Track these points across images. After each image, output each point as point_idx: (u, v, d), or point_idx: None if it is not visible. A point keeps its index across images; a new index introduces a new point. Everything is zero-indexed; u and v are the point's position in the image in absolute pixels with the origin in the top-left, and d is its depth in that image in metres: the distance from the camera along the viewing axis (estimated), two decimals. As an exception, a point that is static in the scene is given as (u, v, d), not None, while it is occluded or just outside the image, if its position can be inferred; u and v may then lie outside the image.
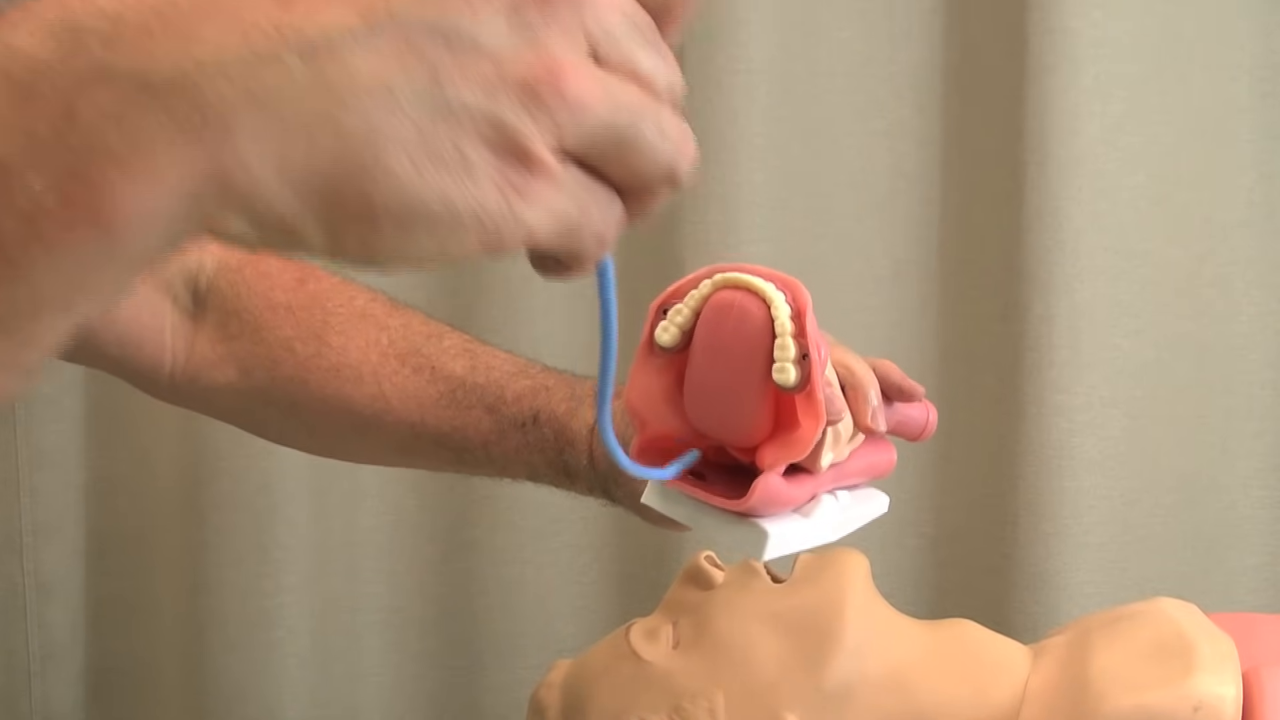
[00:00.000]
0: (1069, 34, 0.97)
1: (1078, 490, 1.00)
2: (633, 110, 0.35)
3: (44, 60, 0.31)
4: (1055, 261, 0.99)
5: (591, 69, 0.34)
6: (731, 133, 1.01)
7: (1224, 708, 0.61)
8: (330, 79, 0.31)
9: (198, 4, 0.31)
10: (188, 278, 0.77)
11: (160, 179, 0.31)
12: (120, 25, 0.31)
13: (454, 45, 0.32)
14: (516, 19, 0.33)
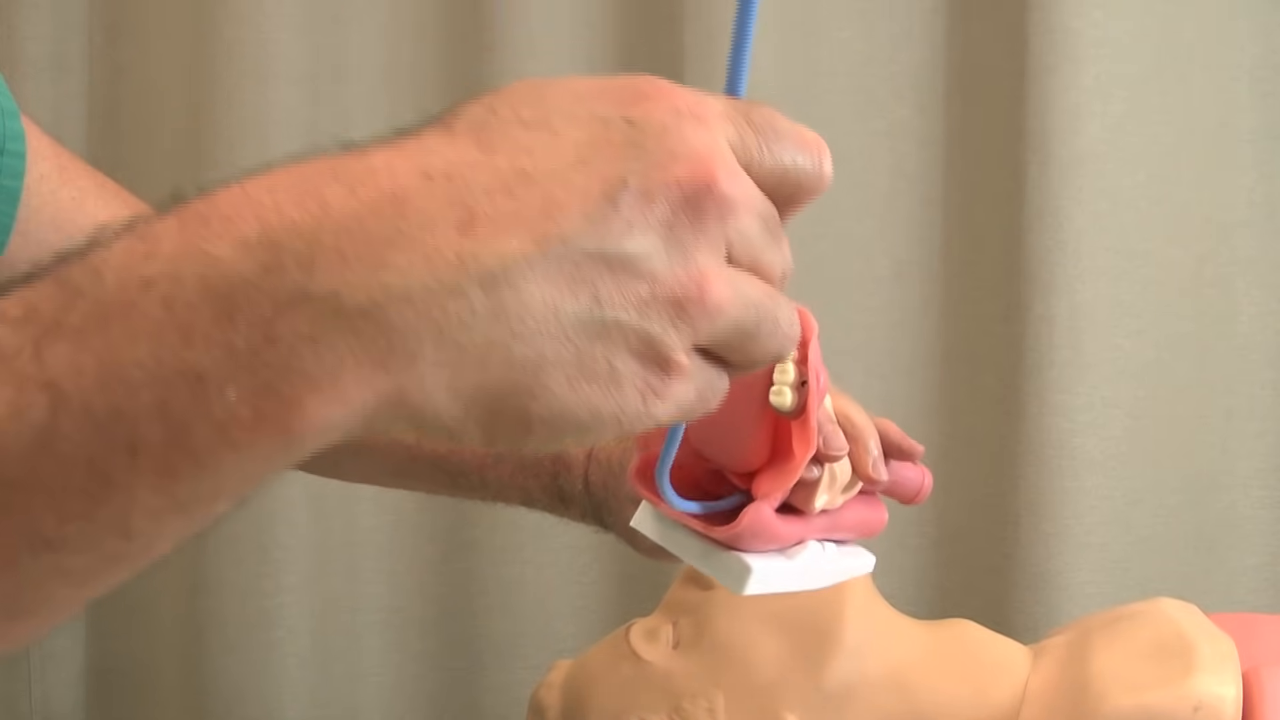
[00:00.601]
0: (1069, 34, 0.97)
1: (1079, 490, 1.00)
2: (759, 307, 0.38)
3: (245, 277, 0.32)
4: (1056, 262, 0.99)
5: (728, 273, 0.37)
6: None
7: (1224, 708, 0.61)
8: (507, 309, 0.34)
9: (386, 227, 0.33)
10: None
11: (346, 399, 0.33)
12: (315, 247, 0.33)
13: (615, 267, 0.35)
14: (671, 237, 0.35)
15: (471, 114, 0.36)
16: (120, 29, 1.10)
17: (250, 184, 0.34)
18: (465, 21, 1.06)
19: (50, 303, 0.33)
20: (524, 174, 0.34)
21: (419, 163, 0.34)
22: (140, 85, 1.10)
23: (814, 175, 0.39)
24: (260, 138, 1.05)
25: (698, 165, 0.36)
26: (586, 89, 0.37)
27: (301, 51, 1.06)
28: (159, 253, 0.33)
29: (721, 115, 0.38)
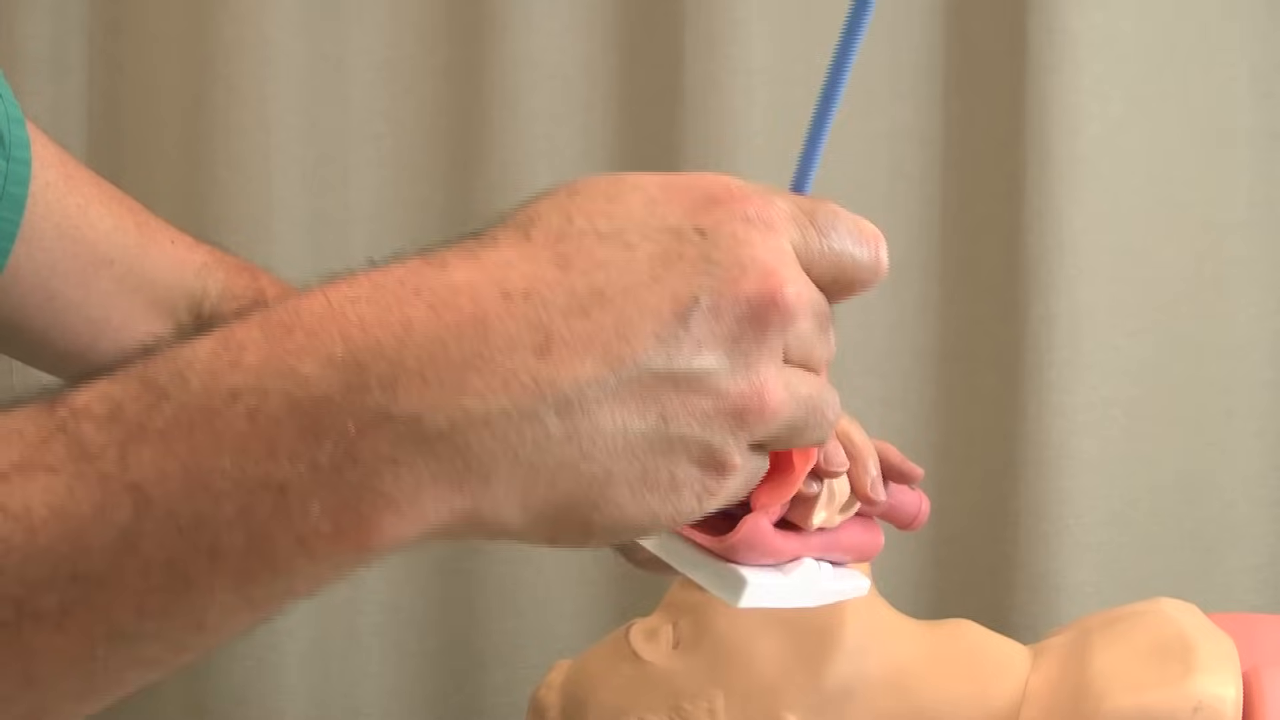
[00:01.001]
0: (1069, 34, 0.97)
1: (1078, 490, 1.00)
2: (809, 405, 0.40)
3: (329, 396, 0.34)
4: (1056, 262, 0.99)
5: (785, 376, 0.39)
6: (731, 133, 1.01)
7: (1224, 708, 0.61)
8: (579, 431, 0.35)
9: (467, 351, 0.34)
10: (191, 304, 0.76)
11: (422, 518, 0.35)
12: (399, 369, 0.34)
13: (682, 385, 0.37)
14: (736, 350, 0.37)
15: (549, 221, 0.37)
16: (120, 28, 1.10)
17: (334, 294, 0.35)
18: (465, 20, 1.06)
19: (136, 404, 0.34)
20: (599, 293, 0.36)
21: (499, 280, 0.35)
22: (140, 84, 1.10)
23: (870, 268, 0.41)
24: (261, 137, 1.05)
25: (765, 279, 0.37)
26: (660, 192, 0.38)
27: (301, 50, 1.06)
28: (244, 363, 0.34)
29: (787, 218, 0.39)
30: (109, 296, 0.72)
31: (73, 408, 0.35)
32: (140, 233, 0.75)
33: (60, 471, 0.34)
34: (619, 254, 0.36)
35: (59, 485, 0.34)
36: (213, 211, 1.06)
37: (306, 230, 1.07)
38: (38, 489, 0.34)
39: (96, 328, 0.72)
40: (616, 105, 1.06)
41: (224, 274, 0.78)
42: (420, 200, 1.09)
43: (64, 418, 0.35)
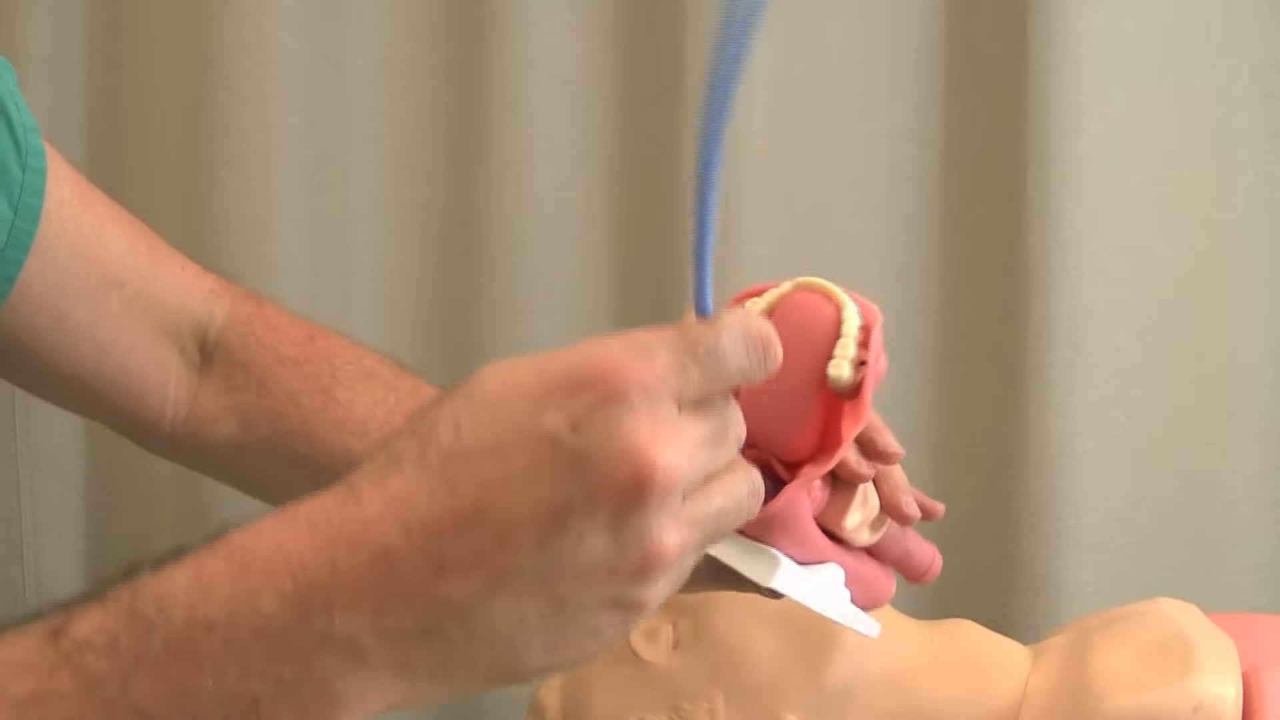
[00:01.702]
0: (1069, 34, 0.97)
1: (1078, 490, 1.00)
2: (719, 519, 0.44)
3: (286, 625, 0.41)
4: (1056, 262, 0.99)
5: (683, 517, 0.43)
6: (731, 133, 1.01)
7: (1224, 708, 0.61)
8: (480, 632, 0.42)
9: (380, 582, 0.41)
10: (197, 330, 0.76)
11: (367, 709, 0.43)
12: (332, 601, 0.41)
13: (569, 574, 0.41)
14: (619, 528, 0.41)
15: (442, 437, 0.42)
16: (120, 27, 1.10)
17: (280, 532, 0.43)
18: (465, 20, 1.06)
19: (129, 635, 0.42)
20: (481, 514, 0.41)
21: (400, 515, 0.42)
22: (140, 84, 1.10)
23: (759, 370, 0.45)
24: (261, 137, 1.05)
25: (635, 467, 0.41)
26: (540, 388, 0.42)
27: (301, 50, 1.06)
28: (215, 597, 0.42)
29: (666, 372, 0.42)
30: (117, 319, 0.72)
31: (75, 640, 0.42)
32: (152, 256, 0.74)
33: (70, 699, 0.42)
34: (498, 470, 0.41)
35: (71, 711, 0.42)
36: (213, 211, 1.06)
37: (306, 230, 1.07)
38: (54, 715, 0.42)
39: (102, 351, 0.72)
40: (616, 105, 1.06)
41: (230, 301, 0.77)
42: (420, 200, 1.09)
43: (69, 650, 0.42)
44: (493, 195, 1.06)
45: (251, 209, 1.05)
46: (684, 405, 0.43)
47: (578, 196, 1.07)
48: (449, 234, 1.08)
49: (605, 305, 1.07)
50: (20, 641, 0.43)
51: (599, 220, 1.07)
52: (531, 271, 1.06)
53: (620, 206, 1.07)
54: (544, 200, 1.06)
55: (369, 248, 1.09)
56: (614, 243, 1.07)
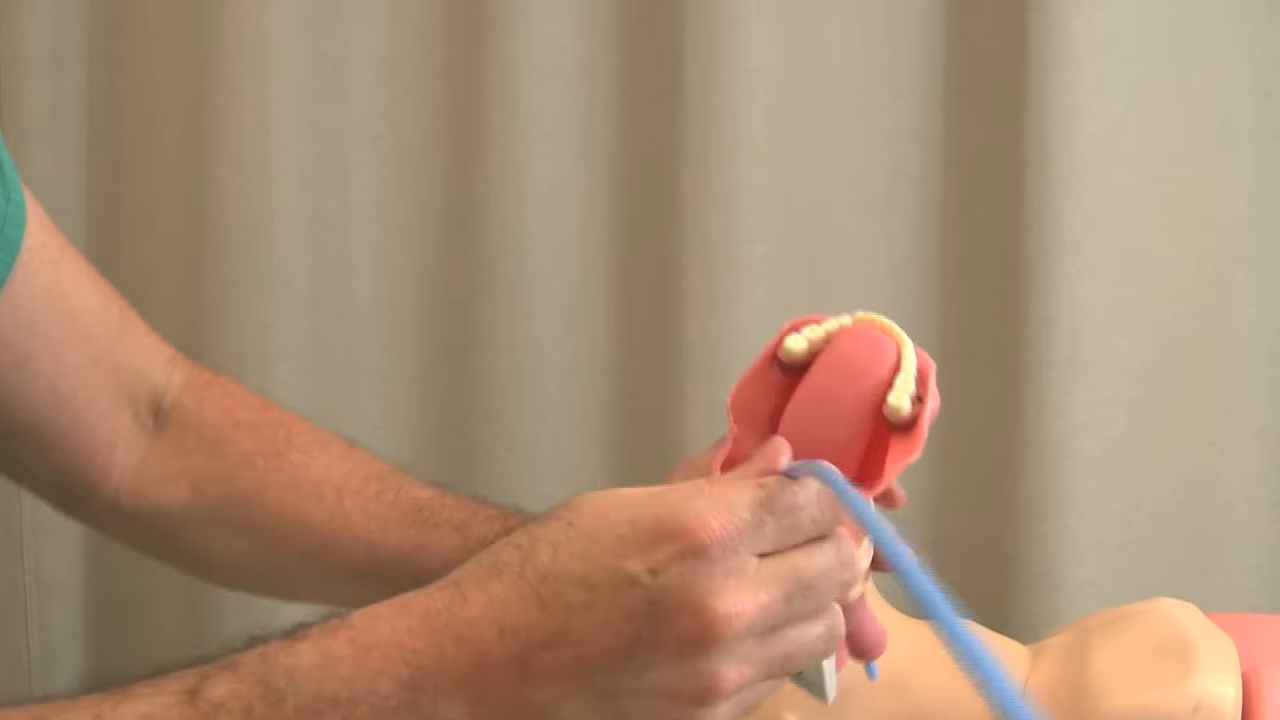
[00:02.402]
0: (1069, 34, 0.97)
1: (1078, 490, 1.00)
2: (784, 661, 0.49)
3: (398, 709, 0.48)
4: (1055, 262, 0.99)
5: (742, 654, 0.48)
6: (731, 133, 1.01)
7: (1223, 708, 0.61)
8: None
9: (475, 677, 0.48)
10: (153, 395, 0.75)
11: None
12: (437, 689, 0.48)
13: (632, 694, 0.47)
14: (680, 665, 0.47)
15: (539, 557, 0.48)
16: (120, 28, 1.10)
17: (397, 620, 0.49)
18: (465, 20, 1.06)
19: (262, 704, 0.47)
20: (565, 633, 0.47)
21: (499, 619, 0.48)
22: (140, 84, 1.10)
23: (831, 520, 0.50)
24: (261, 137, 1.05)
25: (699, 615, 0.46)
26: (630, 530, 0.48)
27: (301, 50, 1.06)
28: (339, 675, 0.48)
29: (744, 531, 0.48)
30: (81, 373, 0.71)
31: (211, 702, 0.47)
32: (122, 318, 0.74)
33: None
34: (583, 598, 0.47)
35: None
36: (213, 211, 1.06)
37: (306, 230, 1.07)
38: None
39: (60, 401, 0.71)
40: (616, 105, 1.06)
41: (188, 369, 0.77)
42: (420, 200, 1.09)
43: (206, 711, 0.47)
44: (493, 195, 1.06)
45: (251, 209, 1.05)
46: (762, 557, 0.48)
47: (578, 196, 1.07)
48: (449, 234, 1.08)
49: (605, 305, 1.07)
50: (157, 698, 0.48)
51: (599, 220, 1.07)
52: (531, 271, 1.06)
53: (620, 206, 1.07)
54: (544, 200, 1.06)
55: (369, 248, 1.09)
56: (614, 243, 1.07)
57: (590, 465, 1.08)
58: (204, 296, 1.07)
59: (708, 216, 1.02)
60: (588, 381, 1.08)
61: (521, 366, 1.07)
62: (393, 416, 1.10)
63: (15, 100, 1.08)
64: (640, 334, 1.07)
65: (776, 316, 1.02)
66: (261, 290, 1.06)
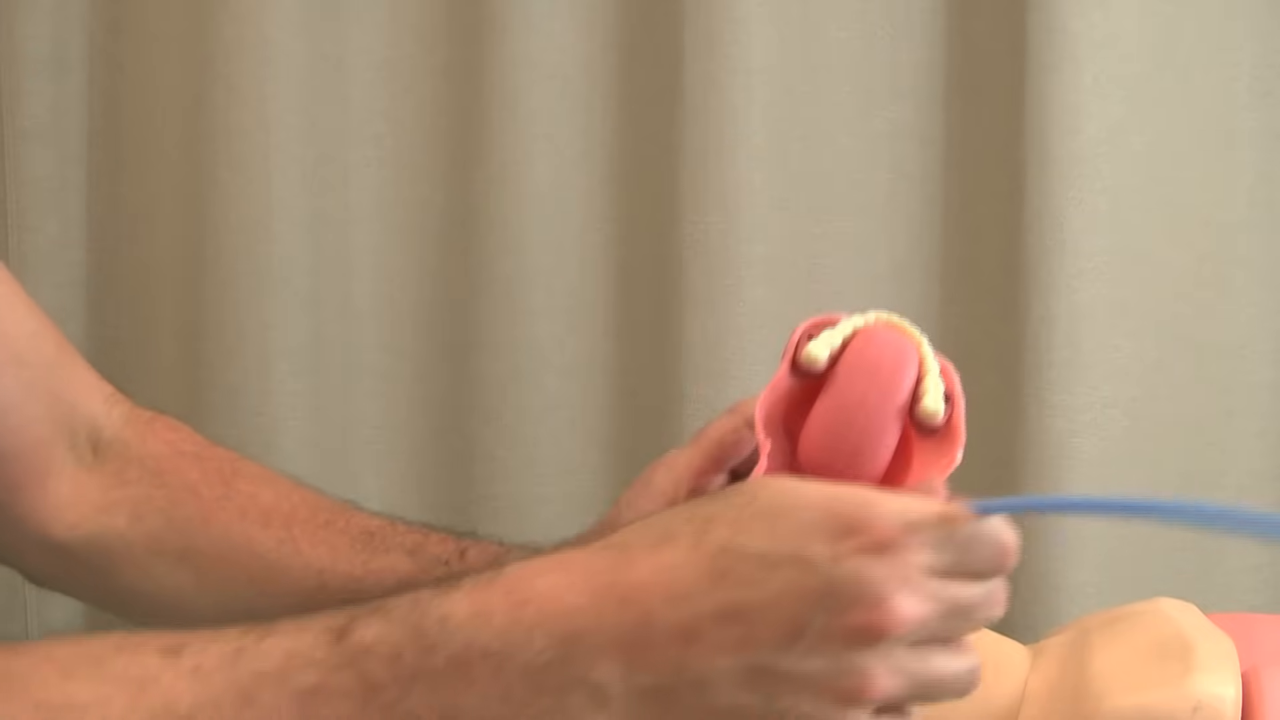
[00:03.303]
0: (1069, 34, 0.97)
1: (1078, 490, 1.00)
2: (928, 684, 0.49)
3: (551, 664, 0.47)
4: (1056, 262, 0.99)
5: (898, 662, 0.48)
6: (731, 133, 1.01)
7: (1223, 708, 0.61)
8: (704, 704, 0.47)
9: (639, 636, 0.47)
10: (91, 429, 0.72)
11: None
12: (594, 649, 0.47)
13: (790, 678, 0.47)
14: (841, 657, 0.47)
15: (718, 532, 0.48)
16: (120, 28, 1.10)
17: (556, 575, 0.48)
18: (465, 20, 1.06)
19: (412, 649, 0.47)
20: (738, 608, 0.47)
21: (668, 584, 0.47)
22: (140, 84, 1.10)
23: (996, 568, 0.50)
24: (261, 137, 1.05)
25: (872, 610, 0.46)
26: (815, 516, 0.48)
27: (301, 50, 1.06)
28: (493, 626, 0.47)
29: (924, 545, 0.48)
30: (11, 396, 0.68)
31: (360, 645, 0.47)
32: (58, 349, 0.72)
33: (352, 699, 0.46)
34: (761, 574, 0.47)
35: (351, 708, 0.46)
36: (213, 211, 1.06)
37: (306, 230, 1.07)
38: (334, 710, 0.46)
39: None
40: (616, 105, 1.06)
41: (129, 407, 0.74)
42: (420, 200, 1.09)
43: (353, 653, 0.46)
44: (493, 195, 1.06)
45: (251, 209, 1.05)
46: (933, 575, 0.48)
47: (578, 196, 1.07)
48: (449, 234, 1.08)
49: (605, 305, 1.07)
50: (302, 635, 0.47)
51: (599, 220, 1.07)
52: (531, 271, 1.06)
53: (620, 206, 1.07)
54: (544, 200, 1.06)
55: (369, 248, 1.09)
56: (614, 243, 1.07)
57: (590, 465, 1.08)
58: (204, 296, 1.07)
59: (708, 216, 1.02)
60: (588, 381, 1.08)
61: (521, 366, 1.07)
62: (393, 416, 1.10)
63: (15, 100, 1.08)
64: (640, 334, 1.07)
65: (776, 316, 1.03)
66: (261, 290, 1.06)
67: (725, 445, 0.66)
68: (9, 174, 1.09)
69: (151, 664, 0.46)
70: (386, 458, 1.10)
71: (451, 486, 1.09)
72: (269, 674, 0.46)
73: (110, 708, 0.45)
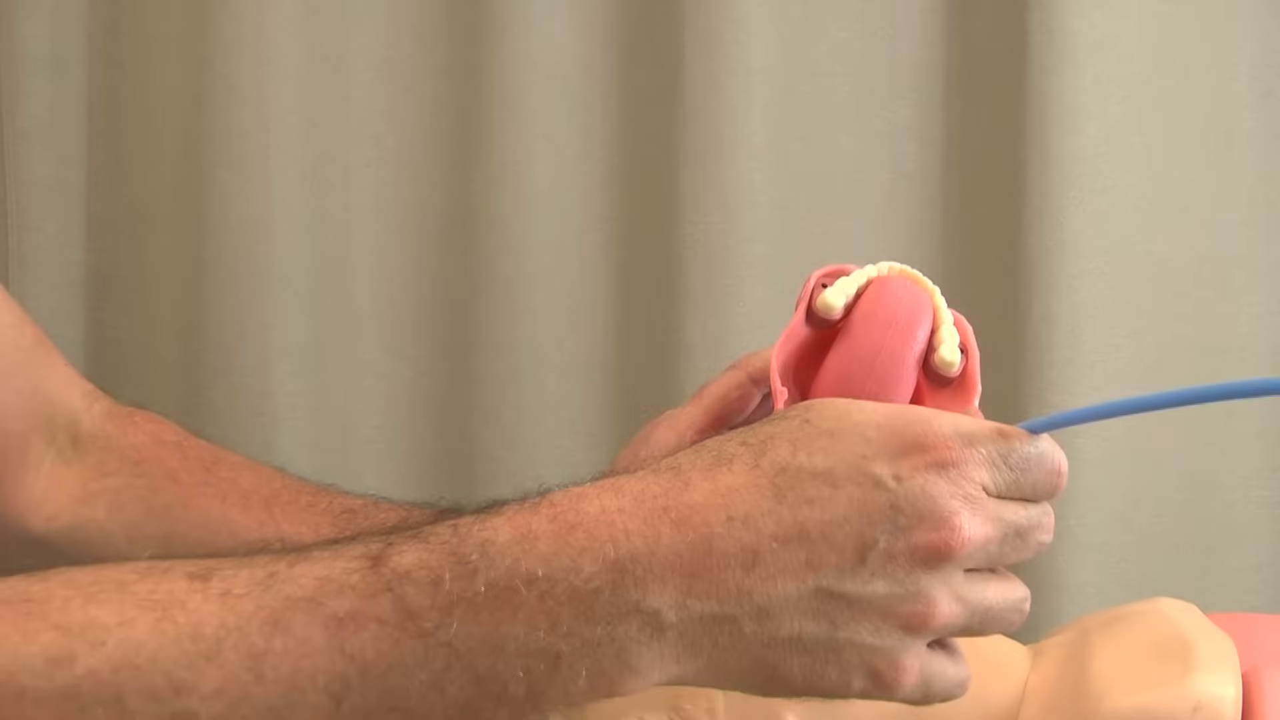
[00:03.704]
0: (1069, 34, 0.97)
1: (1078, 490, 1.00)
2: (987, 611, 0.49)
3: (601, 590, 0.45)
4: (1055, 261, 0.99)
5: (959, 590, 0.47)
6: (731, 133, 1.01)
7: (1223, 708, 0.61)
8: (765, 631, 0.46)
9: (696, 563, 0.45)
10: (70, 422, 0.72)
11: (649, 680, 0.46)
12: (648, 573, 0.45)
13: (853, 604, 0.46)
14: (906, 580, 0.46)
15: (777, 451, 0.47)
16: (120, 28, 1.10)
17: (606, 499, 0.46)
18: (465, 20, 1.06)
19: (452, 575, 0.44)
20: (801, 527, 0.45)
21: (726, 505, 0.46)
22: (140, 84, 1.10)
23: (1050, 490, 0.51)
24: (261, 137, 1.05)
25: (937, 529, 0.46)
26: (875, 434, 0.47)
27: (301, 50, 1.06)
28: (538, 551, 0.45)
29: (981, 462, 0.48)
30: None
31: (396, 571, 0.44)
32: (37, 343, 0.71)
33: (387, 625, 0.44)
34: (824, 492, 0.46)
35: (386, 636, 0.44)
36: (213, 211, 1.06)
37: (306, 230, 1.07)
38: (369, 637, 0.43)
39: None
40: (616, 105, 1.06)
41: (107, 403, 0.74)
42: (420, 200, 1.09)
43: (390, 579, 0.44)
44: (493, 195, 1.06)
45: (251, 209, 1.05)
46: (990, 494, 0.48)
47: (578, 196, 1.07)
48: (449, 234, 1.08)
49: (605, 305, 1.07)
50: (337, 562, 0.45)
51: (599, 220, 1.07)
52: (531, 271, 1.06)
53: (620, 206, 1.07)
54: (544, 200, 1.06)
55: (369, 248, 1.09)
56: (614, 243, 1.07)
57: (590, 465, 1.08)
58: (204, 296, 1.07)
59: (708, 216, 1.02)
60: (587, 381, 1.08)
61: (521, 366, 1.07)
62: (393, 416, 1.10)
63: (15, 100, 1.08)
64: (640, 334, 1.07)
65: (776, 316, 1.03)
66: (261, 290, 1.06)
67: (728, 402, 0.65)
68: (9, 174, 1.09)
69: (179, 588, 0.44)
70: (386, 458, 1.10)
71: (451, 486, 1.09)
72: (301, 599, 0.44)
73: (133, 629, 0.43)
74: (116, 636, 0.43)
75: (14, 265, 1.09)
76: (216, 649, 0.43)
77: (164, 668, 0.42)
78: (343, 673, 0.43)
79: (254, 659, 0.43)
